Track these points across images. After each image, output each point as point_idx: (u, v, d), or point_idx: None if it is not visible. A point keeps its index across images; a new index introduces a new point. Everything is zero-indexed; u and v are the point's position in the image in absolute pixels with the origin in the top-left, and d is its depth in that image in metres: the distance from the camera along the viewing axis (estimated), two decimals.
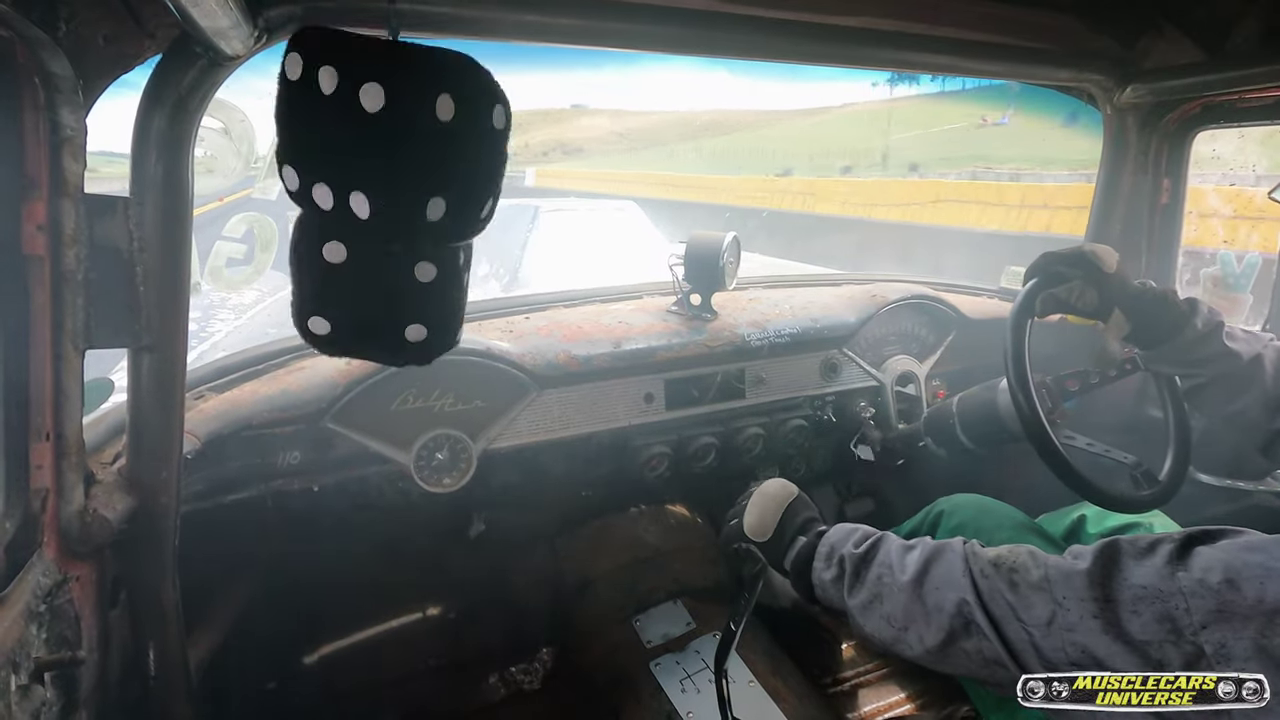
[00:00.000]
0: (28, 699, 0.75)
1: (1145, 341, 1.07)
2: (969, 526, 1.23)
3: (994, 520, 1.23)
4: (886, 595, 0.79)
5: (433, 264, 0.70)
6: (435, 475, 1.36)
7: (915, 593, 0.76)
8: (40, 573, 0.80)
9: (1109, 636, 0.63)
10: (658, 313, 1.67)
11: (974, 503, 1.30)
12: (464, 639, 1.76)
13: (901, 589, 0.77)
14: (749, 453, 1.65)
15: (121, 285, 0.83)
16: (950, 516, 1.28)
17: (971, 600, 0.72)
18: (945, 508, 1.31)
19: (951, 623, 0.73)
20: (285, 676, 1.61)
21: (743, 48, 1.15)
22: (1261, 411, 0.98)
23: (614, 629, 1.63)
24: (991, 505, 1.29)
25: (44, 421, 0.79)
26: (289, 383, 1.29)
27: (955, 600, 0.73)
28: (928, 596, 0.75)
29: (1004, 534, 1.20)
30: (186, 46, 0.79)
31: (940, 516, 1.30)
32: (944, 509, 1.31)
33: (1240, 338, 1.02)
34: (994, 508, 1.28)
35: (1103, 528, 1.27)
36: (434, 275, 0.70)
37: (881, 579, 0.80)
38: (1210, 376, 1.02)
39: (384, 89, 0.60)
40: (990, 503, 1.30)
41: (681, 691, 1.41)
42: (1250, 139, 2.16)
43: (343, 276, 0.68)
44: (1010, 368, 1.12)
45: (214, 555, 1.18)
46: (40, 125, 0.73)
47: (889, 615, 0.78)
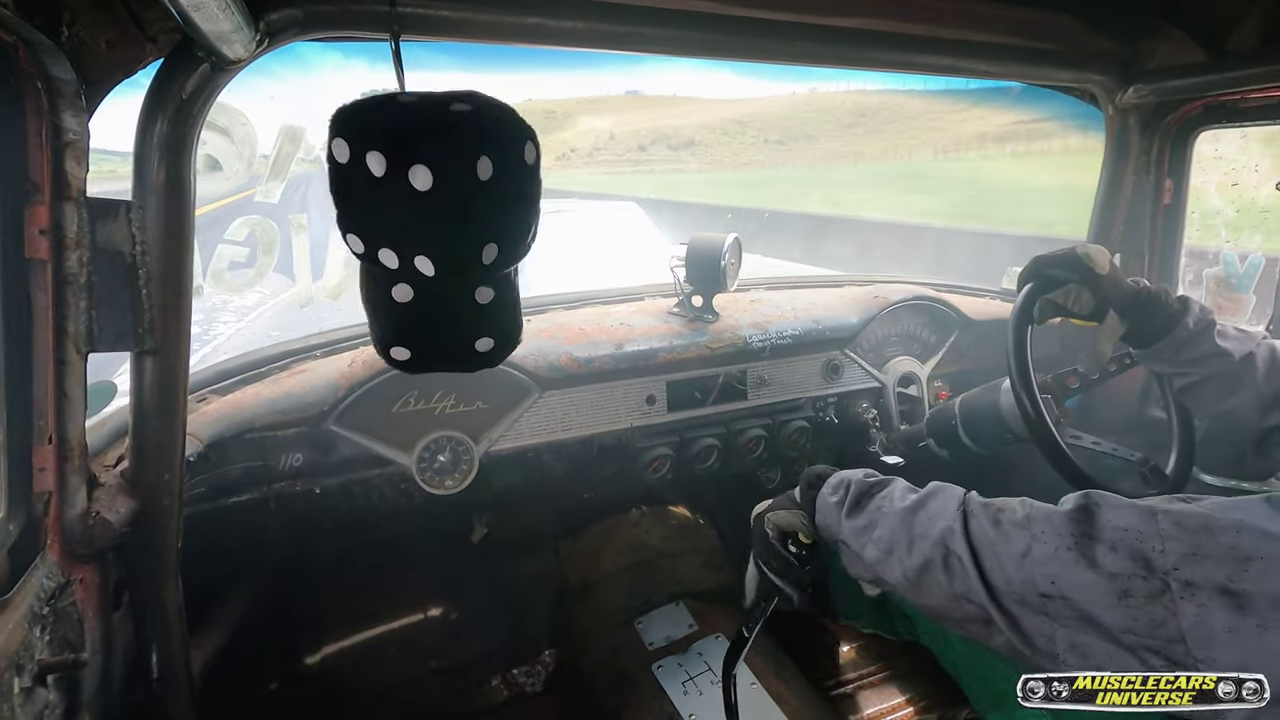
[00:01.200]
0: (31, 701, 0.75)
1: (1139, 341, 1.07)
2: None
3: None
4: (881, 521, 0.83)
5: (490, 288, 0.76)
6: (437, 477, 1.36)
7: (907, 519, 0.80)
8: (43, 575, 0.80)
9: (1080, 566, 0.65)
10: (659, 314, 1.67)
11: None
12: (466, 641, 1.76)
13: (895, 514, 0.82)
14: (751, 454, 1.65)
15: (124, 289, 0.83)
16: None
17: (957, 529, 0.75)
18: None
19: (932, 550, 0.76)
20: (287, 678, 1.62)
21: (746, 50, 1.14)
22: (1253, 410, 0.99)
23: (616, 631, 1.63)
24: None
25: (47, 425, 0.79)
26: (291, 385, 1.29)
27: (941, 529, 0.77)
28: (917, 524, 0.79)
29: None
30: (188, 51, 0.79)
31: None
32: None
33: (1233, 336, 1.01)
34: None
35: None
36: (492, 296, 0.76)
37: (880, 508, 0.84)
38: (1202, 375, 1.02)
39: (431, 170, 0.64)
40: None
41: (684, 694, 1.41)
42: (1252, 139, 2.16)
43: (413, 312, 0.74)
44: (1015, 377, 1.11)
45: (216, 557, 1.19)
46: (43, 129, 0.73)
47: (878, 539, 0.82)
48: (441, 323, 0.76)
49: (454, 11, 0.93)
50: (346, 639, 1.71)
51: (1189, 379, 1.04)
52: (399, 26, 0.85)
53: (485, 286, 0.76)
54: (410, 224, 0.68)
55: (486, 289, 0.76)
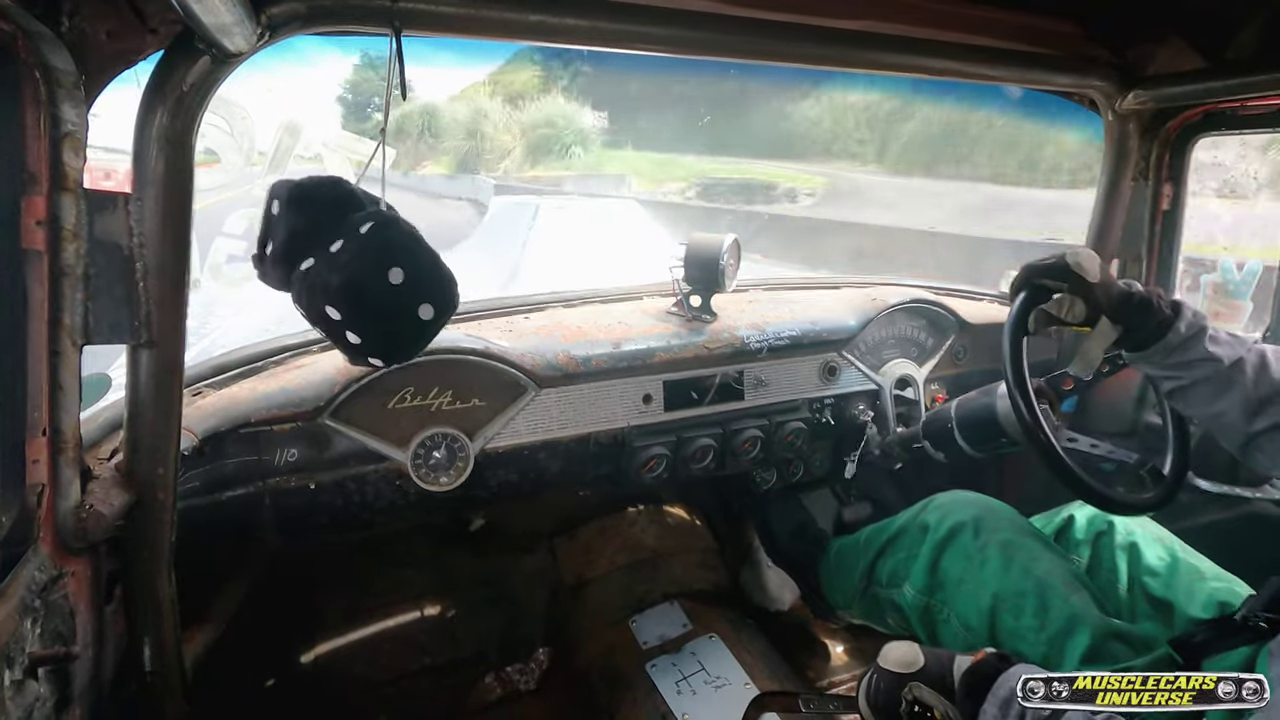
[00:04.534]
0: (21, 694, 0.75)
1: (1132, 345, 1.07)
2: (967, 526, 1.23)
3: (992, 519, 1.23)
4: None
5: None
6: (432, 474, 1.35)
7: None
8: (35, 568, 0.79)
9: None
10: (657, 314, 1.67)
11: (970, 500, 1.30)
12: (460, 639, 1.76)
13: None
14: (747, 455, 1.65)
15: (121, 281, 0.83)
16: (946, 514, 1.27)
17: None
18: (941, 505, 1.31)
19: None
20: (281, 675, 1.61)
21: (746, 50, 1.14)
22: (1240, 414, 0.99)
23: (610, 630, 1.63)
24: (988, 503, 1.29)
25: (41, 417, 0.79)
26: (287, 380, 1.29)
27: None
28: None
29: (1000, 534, 1.20)
30: (189, 43, 0.79)
31: (935, 515, 1.29)
32: (939, 506, 1.31)
33: (1223, 341, 1.02)
34: (991, 505, 1.28)
35: (1090, 532, 1.27)
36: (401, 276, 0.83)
37: None
38: (1191, 379, 1.02)
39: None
40: (987, 500, 1.30)
41: (677, 693, 1.41)
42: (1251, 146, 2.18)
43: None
44: (1012, 387, 1.11)
45: (211, 552, 1.18)
46: (41, 120, 0.73)
47: None
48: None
49: (456, 8, 0.92)
50: (340, 635, 1.70)
51: (1178, 383, 1.04)
52: (400, 22, 0.85)
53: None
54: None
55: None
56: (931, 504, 1.33)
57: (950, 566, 1.22)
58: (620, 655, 1.55)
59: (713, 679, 1.45)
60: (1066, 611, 1.07)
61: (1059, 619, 1.07)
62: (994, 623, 1.13)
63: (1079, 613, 1.07)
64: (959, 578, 1.20)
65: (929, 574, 1.25)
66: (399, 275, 0.83)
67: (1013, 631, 1.11)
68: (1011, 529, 1.21)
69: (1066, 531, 1.30)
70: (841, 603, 1.52)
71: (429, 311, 0.86)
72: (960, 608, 1.19)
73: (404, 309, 0.85)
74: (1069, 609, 1.07)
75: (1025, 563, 1.14)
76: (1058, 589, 1.10)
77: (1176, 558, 1.18)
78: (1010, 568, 1.15)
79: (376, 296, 0.83)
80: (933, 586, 1.24)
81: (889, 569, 1.35)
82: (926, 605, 1.25)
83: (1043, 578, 1.12)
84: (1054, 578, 1.12)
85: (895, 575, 1.33)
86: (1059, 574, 1.13)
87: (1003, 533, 1.20)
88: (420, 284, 0.85)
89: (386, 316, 0.85)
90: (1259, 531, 1.54)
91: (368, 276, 0.82)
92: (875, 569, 1.39)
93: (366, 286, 0.82)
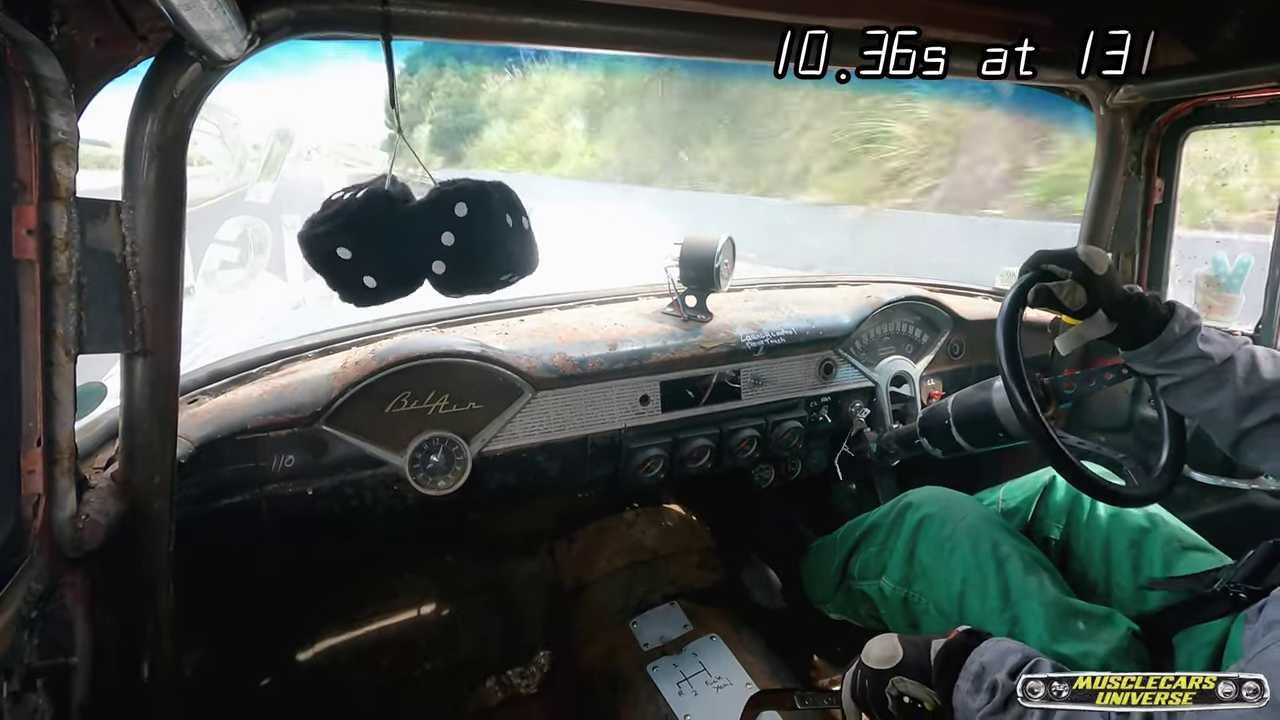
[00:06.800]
0: (20, 706, 0.75)
1: (1126, 343, 1.10)
2: (935, 519, 1.28)
3: (959, 512, 1.28)
4: None
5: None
6: (430, 478, 1.35)
7: None
8: (32, 579, 0.79)
9: None
10: (653, 314, 1.67)
11: (939, 495, 1.35)
12: (460, 642, 1.76)
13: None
14: (744, 454, 1.65)
15: (114, 290, 0.82)
16: (916, 509, 1.32)
17: None
18: (912, 500, 1.36)
19: None
20: (280, 682, 1.61)
21: (739, 50, 1.14)
22: (1231, 411, 1.02)
23: (611, 631, 1.63)
24: (956, 497, 1.34)
25: (36, 427, 0.79)
26: (283, 386, 1.29)
27: None
28: None
29: (966, 520, 1.25)
30: (179, 50, 0.79)
31: (907, 509, 1.34)
32: (910, 501, 1.36)
33: (1215, 340, 1.04)
34: (959, 500, 1.33)
35: (1067, 499, 1.32)
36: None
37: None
38: (1183, 377, 1.05)
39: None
40: (955, 495, 1.35)
41: (679, 694, 1.41)
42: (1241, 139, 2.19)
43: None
44: (1003, 357, 1.12)
45: (208, 560, 1.18)
46: (31, 128, 0.73)
47: None
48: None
49: (447, 11, 0.92)
50: (339, 641, 1.70)
51: (1171, 380, 1.07)
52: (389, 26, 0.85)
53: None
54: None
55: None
56: (902, 499, 1.38)
57: (924, 555, 1.27)
58: (621, 657, 1.55)
59: (714, 679, 1.45)
60: (1026, 590, 1.12)
61: (1019, 598, 1.12)
62: (963, 606, 1.18)
63: (1036, 591, 1.12)
64: (931, 565, 1.25)
65: (906, 565, 1.29)
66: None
67: (979, 613, 1.15)
68: (976, 516, 1.26)
69: (1045, 499, 1.35)
70: (819, 598, 1.55)
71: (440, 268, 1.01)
72: (936, 595, 1.24)
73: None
74: (1027, 588, 1.13)
75: (989, 547, 1.19)
76: (1018, 570, 1.15)
77: (1155, 525, 1.22)
78: (976, 552, 1.19)
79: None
80: (910, 577, 1.29)
81: (861, 562, 1.40)
82: (905, 597, 1.29)
83: (1004, 560, 1.17)
84: (1015, 560, 1.17)
85: (867, 568, 1.38)
86: (1019, 556, 1.18)
87: (968, 519, 1.25)
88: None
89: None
90: (1255, 523, 1.55)
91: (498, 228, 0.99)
92: (849, 564, 1.44)
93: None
